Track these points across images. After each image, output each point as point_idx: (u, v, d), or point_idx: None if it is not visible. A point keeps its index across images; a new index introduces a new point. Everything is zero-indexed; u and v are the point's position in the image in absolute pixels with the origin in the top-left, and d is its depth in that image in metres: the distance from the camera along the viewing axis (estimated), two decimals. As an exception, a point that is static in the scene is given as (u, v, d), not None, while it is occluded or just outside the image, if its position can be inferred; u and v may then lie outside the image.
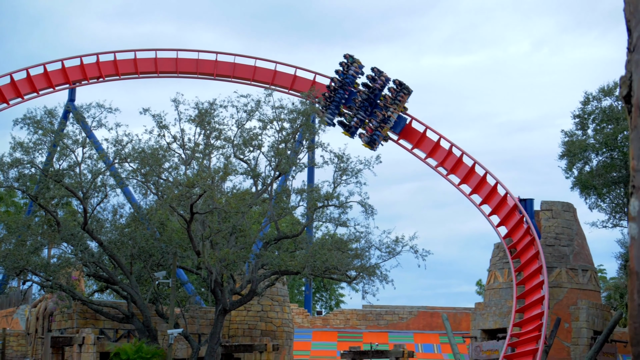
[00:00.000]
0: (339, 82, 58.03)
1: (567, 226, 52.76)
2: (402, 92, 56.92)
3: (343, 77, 58.18)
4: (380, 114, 56.80)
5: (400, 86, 57.10)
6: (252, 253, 49.62)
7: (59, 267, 49.12)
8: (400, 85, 57.11)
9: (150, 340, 48.90)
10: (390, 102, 56.77)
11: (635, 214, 3.70)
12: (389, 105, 56.75)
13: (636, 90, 3.69)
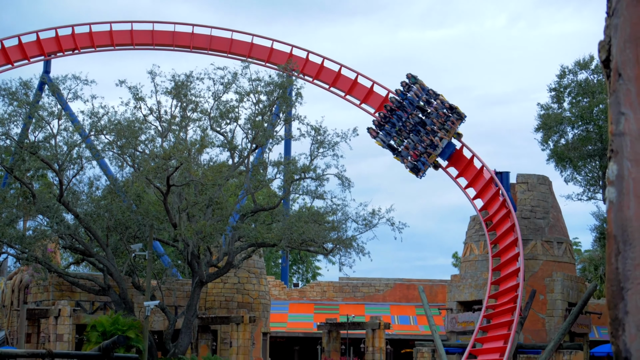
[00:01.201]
0: (397, 102, 53.71)
1: (543, 199, 53.00)
2: (452, 116, 52.54)
3: (402, 97, 53.81)
4: (427, 139, 52.60)
5: (451, 110, 52.75)
6: (228, 225, 49.61)
7: (35, 239, 48.91)
8: (451, 110, 52.77)
9: (127, 312, 48.88)
10: (439, 126, 52.36)
11: (613, 178, 3.73)
12: (437, 130, 52.37)
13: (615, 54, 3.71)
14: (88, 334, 47.53)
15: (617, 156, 3.71)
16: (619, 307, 3.62)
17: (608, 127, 3.78)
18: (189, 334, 49.65)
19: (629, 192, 3.68)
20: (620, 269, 3.64)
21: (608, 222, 3.72)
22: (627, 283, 3.62)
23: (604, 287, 25.42)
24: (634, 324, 3.58)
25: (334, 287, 67.62)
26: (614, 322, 3.63)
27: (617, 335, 3.61)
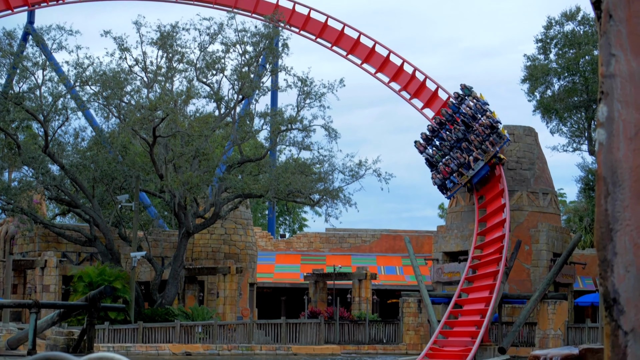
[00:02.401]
0: (448, 115, 49.72)
1: (529, 150, 53.11)
2: (492, 137, 47.91)
3: (455, 110, 49.79)
4: (461, 156, 48.45)
5: (492, 130, 47.96)
6: (215, 176, 49.63)
7: (20, 190, 48.87)
8: (492, 129, 47.98)
9: (113, 263, 49.00)
10: (477, 145, 47.87)
11: (603, 120, 3.72)
12: (473, 148, 47.91)
13: (606, -5, 3.69)
14: (74, 285, 47.67)
15: (607, 98, 3.70)
16: (607, 248, 3.63)
17: (598, 69, 3.77)
18: (175, 284, 49.84)
19: (618, 134, 3.68)
20: (610, 211, 3.65)
21: (597, 164, 3.73)
22: (616, 224, 3.63)
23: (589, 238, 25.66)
24: (623, 265, 3.59)
25: (320, 238, 67.83)
26: (602, 263, 3.64)
27: (606, 277, 3.62)
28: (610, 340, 3.62)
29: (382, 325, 49.00)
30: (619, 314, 3.59)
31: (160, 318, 46.94)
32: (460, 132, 48.85)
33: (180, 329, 44.63)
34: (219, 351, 43.56)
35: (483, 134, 48.01)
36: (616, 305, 3.60)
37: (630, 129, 3.65)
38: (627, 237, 3.60)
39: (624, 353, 3.57)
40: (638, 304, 3.56)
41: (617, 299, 3.60)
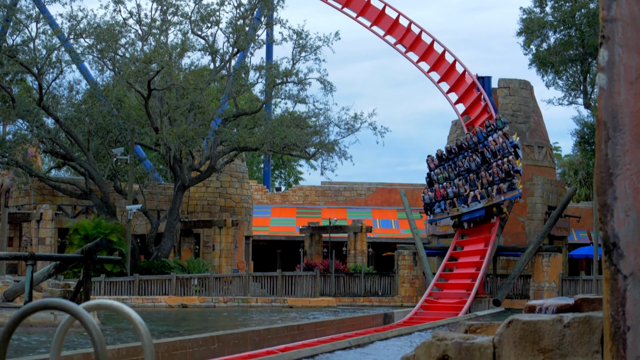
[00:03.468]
0: (472, 143, 45.70)
1: (524, 103, 53.06)
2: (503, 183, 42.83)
3: (481, 139, 45.49)
4: (462, 187, 44.13)
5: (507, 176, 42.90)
6: (210, 130, 49.54)
7: (15, 143, 48.77)
8: (507, 175, 42.89)
9: (109, 216, 49.05)
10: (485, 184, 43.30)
11: (604, 65, 3.71)
12: (479, 185, 43.56)
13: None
14: (70, 237, 47.76)
15: (608, 42, 3.68)
16: (607, 192, 3.64)
17: (599, 13, 3.74)
18: (171, 237, 49.94)
19: (619, 78, 3.67)
20: (610, 155, 3.65)
21: (598, 109, 3.72)
22: (616, 169, 3.63)
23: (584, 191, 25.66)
24: (622, 210, 3.60)
25: (316, 192, 67.88)
26: (602, 207, 3.65)
27: (606, 221, 3.63)
28: (610, 284, 3.64)
29: (378, 277, 49.20)
30: (619, 258, 3.60)
31: (156, 271, 47.10)
32: (475, 164, 44.43)
33: (176, 282, 44.78)
34: (215, 303, 43.74)
35: (496, 176, 42.87)
36: (615, 250, 3.61)
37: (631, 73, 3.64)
38: (627, 181, 3.60)
39: (623, 297, 3.59)
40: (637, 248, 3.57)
41: (616, 244, 3.61)
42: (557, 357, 5.18)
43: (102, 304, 4.89)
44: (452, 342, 5.54)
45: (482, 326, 6.19)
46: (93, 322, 4.29)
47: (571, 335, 5.15)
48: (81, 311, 4.36)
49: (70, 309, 4.37)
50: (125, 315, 4.51)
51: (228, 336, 19.39)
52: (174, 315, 35.96)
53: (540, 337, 5.24)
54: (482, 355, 5.44)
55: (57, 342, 4.67)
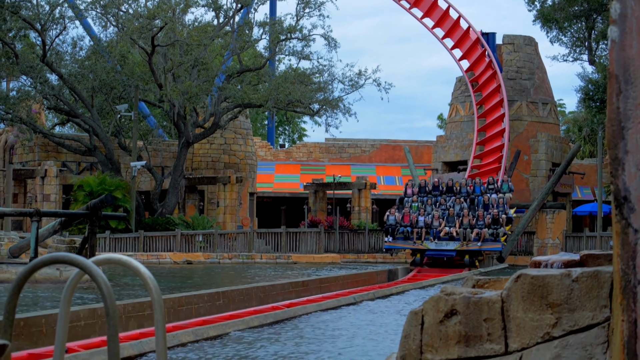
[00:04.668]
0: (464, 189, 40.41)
1: (529, 60, 52.88)
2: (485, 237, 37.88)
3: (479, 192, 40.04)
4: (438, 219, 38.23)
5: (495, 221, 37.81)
6: (214, 86, 49.42)
7: (19, 99, 48.67)
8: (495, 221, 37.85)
9: (114, 172, 49.07)
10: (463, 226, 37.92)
11: (616, 17, 3.68)
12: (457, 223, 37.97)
13: None
14: (75, 194, 47.82)
15: (620, -5, 3.65)
16: (619, 146, 3.62)
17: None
18: (176, 194, 50.00)
19: (631, 31, 3.65)
20: (621, 109, 3.63)
21: (610, 62, 3.70)
22: (627, 122, 3.62)
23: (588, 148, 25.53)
24: (634, 163, 3.59)
25: (320, 148, 67.83)
26: (614, 161, 3.63)
27: (617, 175, 3.62)
28: (620, 238, 3.64)
29: (382, 234, 49.34)
30: (629, 212, 3.60)
31: (161, 227, 47.22)
32: (460, 207, 39.04)
33: (181, 238, 44.91)
34: (220, 260, 43.89)
35: (480, 220, 37.80)
36: (626, 204, 3.61)
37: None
38: (639, 135, 3.59)
39: (633, 251, 3.59)
40: (648, 201, 3.56)
41: (627, 197, 3.61)
42: (565, 312, 5.19)
43: (112, 259, 4.90)
44: (460, 296, 5.55)
45: (489, 281, 6.21)
46: (103, 276, 4.31)
47: (579, 290, 5.16)
48: (91, 265, 4.37)
49: (79, 264, 4.38)
50: (134, 269, 4.52)
51: (233, 292, 19.48)
52: (179, 271, 36.10)
53: (549, 291, 5.25)
54: (490, 309, 5.46)
55: (67, 296, 4.68)
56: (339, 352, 13.29)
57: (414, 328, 5.64)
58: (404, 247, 39.73)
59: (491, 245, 37.75)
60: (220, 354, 12.94)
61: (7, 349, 3.39)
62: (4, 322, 4.35)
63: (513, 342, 5.34)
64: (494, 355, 5.39)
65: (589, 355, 5.00)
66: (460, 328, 5.48)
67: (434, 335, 5.56)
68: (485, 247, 37.84)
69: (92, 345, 13.09)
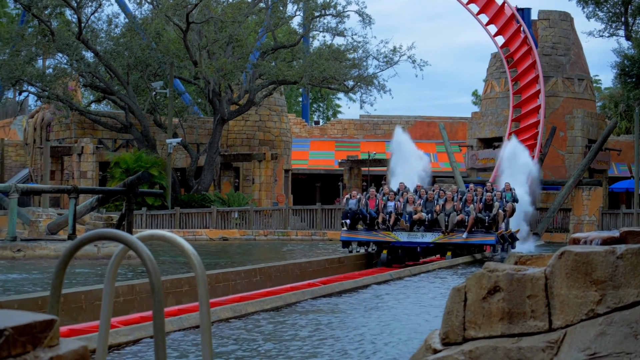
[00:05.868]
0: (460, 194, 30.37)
1: (564, 35, 52.44)
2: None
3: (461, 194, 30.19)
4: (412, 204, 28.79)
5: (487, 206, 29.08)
6: (249, 63, 49.46)
7: (55, 77, 48.97)
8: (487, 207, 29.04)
9: (149, 150, 49.30)
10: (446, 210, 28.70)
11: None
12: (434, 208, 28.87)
13: None
14: (111, 171, 48.13)
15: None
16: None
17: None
18: (211, 171, 50.17)
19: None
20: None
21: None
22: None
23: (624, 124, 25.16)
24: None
25: (354, 125, 67.73)
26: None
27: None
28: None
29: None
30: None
31: (197, 204, 47.42)
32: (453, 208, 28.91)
33: (217, 215, 45.10)
34: (255, 236, 44.05)
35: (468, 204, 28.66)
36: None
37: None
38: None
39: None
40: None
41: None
42: (609, 289, 5.17)
43: (155, 235, 4.93)
44: (503, 273, 5.54)
45: (532, 258, 6.19)
46: (148, 252, 4.33)
47: (624, 267, 5.14)
48: (136, 242, 4.40)
49: (125, 240, 4.41)
50: (178, 246, 4.54)
51: (270, 269, 19.55)
52: (215, 248, 36.27)
53: (593, 268, 5.23)
54: (534, 286, 5.45)
55: (112, 272, 4.71)
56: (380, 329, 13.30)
57: (456, 305, 5.65)
58: (366, 239, 28.67)
59: (482, 237, 28.49)
60: (261, 330, 13.01)
61: (55, 323, 3.43)
62: (50, 298, 4.40)
63: (557, 319, 5.34)
64: (537, 332, 5.39)
65: (634, 332, 4.98)
66: (504, 305, 5.48)
67: (477, 312, 5.56)
68: (473, 240, 28.49)
69: (131, 321, 13.19)
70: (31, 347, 3.26)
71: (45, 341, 3.33)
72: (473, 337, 5.56)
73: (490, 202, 29.03)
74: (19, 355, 3.18)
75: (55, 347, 3.36)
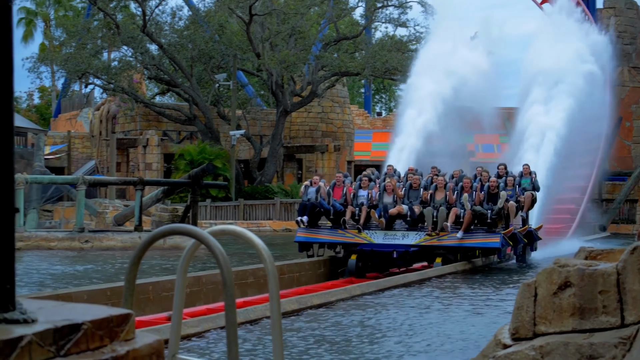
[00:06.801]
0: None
1: (630, 24, 51.75)
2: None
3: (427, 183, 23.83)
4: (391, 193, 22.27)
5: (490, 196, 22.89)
6: (311, 54, 49.49)
7: (120, 70, 49.49)
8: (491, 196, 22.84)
9: (213, 141, 49.59)
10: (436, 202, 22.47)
11: None
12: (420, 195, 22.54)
13: None
14: (176, 163, 48.53)
15: None
16: None
17: None
18: (274, 162, 50.32)
19: None
20: None
21: None
22: None
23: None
24: None
25: (417, 116, 67.44)
26: None
27: None
28: None
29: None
30: None
31: (260, 195, 47.59)
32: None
33: (280, 206, 45.22)
34: (318, 228, 44.09)
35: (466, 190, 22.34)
36: None
37: None
38: None
39: None
40: None
41: None
42: (683, 285, 5.11)
43: (226, 230, 4.98)
44: (574, 268, 5.50)
45: (602, 252, 6.14)
46: (219, 247, 4.37)
47: (698, 262, 5.07)
48: (208, 237, 4.44)
49: (197, 235, 4.45)
50: (249, 240, 4.58)
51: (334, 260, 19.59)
52: (279, 239, 36.38)
53: (666, 264, 5.18)
54: (605, 281, 5.40)
55: (183, 266, 4.77)
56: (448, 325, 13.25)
57: (527, 300, 5.62)
58: (329, 240, 22.26)
59: (482, 237, 22.00)
60: (329, 321, 13.05)
61: (131, 317, 3.49)
62: (125, 292, 4.46)
63: (629, 315, 5.29)
64: (609, 327, 5.35)
65: None
66: (575, 300, 5.44)
67: (548, 307, 5.53)
68: (470, 242, 21.96)
69: (197, 313, 13.31)
70: (108, 340, 3.30)
71: (121, 335, 3.38)
72: (543, 332, 5.54)
73: (494, 190, 22.35)
74: (97, 348, 3.23)
75: (131, 341, 3.40)
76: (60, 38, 53.86)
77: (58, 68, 51.81)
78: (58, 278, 19.38)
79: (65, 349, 3.07)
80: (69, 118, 65.67)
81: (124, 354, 3.28)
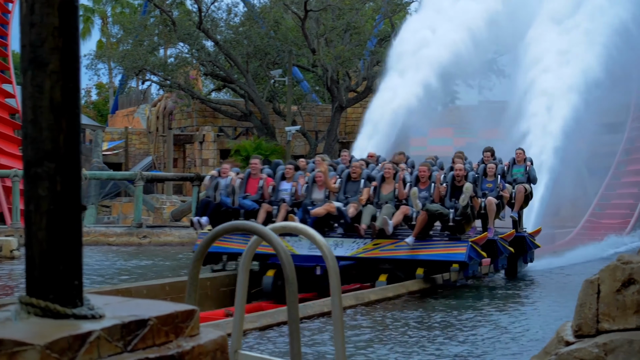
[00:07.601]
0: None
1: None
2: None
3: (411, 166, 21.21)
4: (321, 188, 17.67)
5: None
6: (366, 50, 49.41)
7: (177, 66, 49.78)
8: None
9: (269, 137, 49.73)
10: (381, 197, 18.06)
11: None
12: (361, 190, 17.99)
13: None
14: (232, 159, 48.74)
15: None
16: None
17: None
18: (330, 158, 50.32)
19: None
20: None
21: None
22: None
23: None
24: None
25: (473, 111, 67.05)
26: None
27: None
28: None
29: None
30: None
31: (316, 191, 47.61)
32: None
33: (335, 201, 45.19)
34: (374, 223, 44.01)
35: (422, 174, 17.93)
36: None
37: None
38: None
39: None
40: None
41: None
42: None
43: (288, 227, 5.01)
44: (637, 265, 5.44)
45: (666, 249, 6.05)
46: (281, 244, 4.39)
47: None
48: (270, 233, 4.46)
49: (259, 232, 4.48)
50: (310, 236, 4.60)
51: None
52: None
53: None
54: (670, 278, 5.33)
55: (245, 262, 4.80)
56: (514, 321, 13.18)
57: (589, 297, 5.57)
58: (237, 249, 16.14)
59: (443, 248, 16.67)
60: (390, 316, 13.04)
61: (196, 313, 3.52)
62: (188, 288, 4.51)
63: (695, 312, 5.23)
64: (674, 325, 5.29)
65: None
66: (639, 297, 5.39)
67: (611, 305, 5.48)
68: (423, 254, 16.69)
69: (250, 309, 13.36)
70: (174, 336, 3.34)
71: (186, 331, 3.42)
72: (607, 329, 5.49)
73: (459, 181, 17.13)
74: (163, 344, 3.27)
75: (196, 337, 3.44)
76: (117, 35, 54.47)
77: (115, 65, 52.32)
78: (115, 273, 19.58)
79: (132, 345, 3.11)
80: (126, 114, 66.26)
81: (189, 349, 3.31)
